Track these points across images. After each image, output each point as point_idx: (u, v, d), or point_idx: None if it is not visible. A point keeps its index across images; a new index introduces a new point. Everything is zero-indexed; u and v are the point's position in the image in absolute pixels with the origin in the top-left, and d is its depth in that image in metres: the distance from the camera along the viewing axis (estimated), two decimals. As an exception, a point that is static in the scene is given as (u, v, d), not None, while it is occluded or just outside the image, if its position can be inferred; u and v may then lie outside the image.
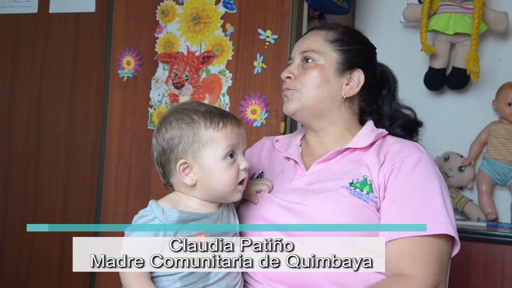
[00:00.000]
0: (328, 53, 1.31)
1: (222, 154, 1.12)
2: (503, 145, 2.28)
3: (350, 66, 1.31)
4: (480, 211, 2.28)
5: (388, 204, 1.18)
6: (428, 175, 1.20)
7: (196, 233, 1.10)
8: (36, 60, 2.37)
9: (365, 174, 1.21)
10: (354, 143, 1.28)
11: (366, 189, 1.20)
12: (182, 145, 1.12)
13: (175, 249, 1.08)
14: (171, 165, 1.14)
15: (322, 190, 1.21)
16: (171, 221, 1.08)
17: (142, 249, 1.07)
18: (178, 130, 1.13)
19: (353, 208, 1.17)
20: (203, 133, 1.12)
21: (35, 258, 2.33)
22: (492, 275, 1.99)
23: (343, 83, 1.31)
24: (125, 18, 2.21)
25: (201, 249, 1.10)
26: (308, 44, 1.33)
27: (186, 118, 1.13)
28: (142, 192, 2.15)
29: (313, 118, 1.32)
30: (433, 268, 1.13)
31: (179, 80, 2.10)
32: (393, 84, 1.43)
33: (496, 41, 2.41)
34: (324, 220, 1.17)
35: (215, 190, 1.14)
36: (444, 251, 1.16)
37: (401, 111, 1.41)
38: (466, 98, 2.44)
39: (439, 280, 1.13)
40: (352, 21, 2.58)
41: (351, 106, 1.33)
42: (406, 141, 1.30)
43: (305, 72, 1.30)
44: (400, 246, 1.14)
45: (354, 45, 1.33)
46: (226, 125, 1.13)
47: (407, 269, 1.12)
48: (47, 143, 2.34)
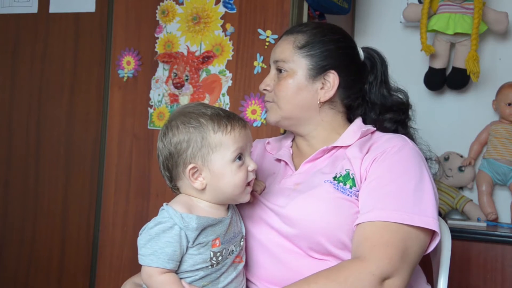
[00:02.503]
0: (297, 60, 1.29)
1: (231, 158, 1.12)
2: (503, 145, 2.28)
3: (322, 69, 1.29)
4: (480, 211, 2.28)
5: (362, 189, 1.18)
6: (405, 163, 1.19)
7: (212, 238, 1.11)
8: (36, 60, 2.37)
9: (347, 167, 1.21)
10: (340, 142, 1.28)
11: (349, 183, 1.20)
12: (191, 150, 1.11)
13: (194, 254, 1.09)
14: (179, 169, 1.13)
15: (307, 189, 1.22)
16: (191, 228, 1.08)
17: (172, 259, 1.08)
18: (186, 134, 1.11)
19: (337, 203, 1.17)
20: (212, 137, 1.11)
21: (35, 258, 2.33)
22: (492, 275, 1.99)
23: (317, 88, 1.29)
24: (125, 18, 2.21)
25: (217, 255, 1.11)
26: (278, 53, 1.32)
27: (194, 122, 1.12)
28: (142, 192, 2.15)
29: (295, 125, 1.33)
30: (391, 253, 1.09)
31: (179, 80, 2.10)
32: (382, 68, 1.39)
33: (496, 41, 2.41)
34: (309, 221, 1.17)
35: (224, 193, 1.14)
36: (409, 240, 1.12)
37: (392, 95, 1.38)
38: (466, 98, 2.44)
39: (397, 267, 1.08)
40: (352, 21, 2.58)
41: (332, 107, 1.32)
42: (394, 134, 1.29)
43: (279, 83, 1.30)
44: (363, 230, 1.13)
45: (323, 46, 1.30)
46: (234, 128, 1.13)
47: (363, 252, 1.10)
48: (47, 143, 2.34)
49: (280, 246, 1.20)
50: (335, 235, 1.16)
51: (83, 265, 2.25)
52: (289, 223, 1.19)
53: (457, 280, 1.99)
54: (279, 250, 1.20)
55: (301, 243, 1.18)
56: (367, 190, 1.17)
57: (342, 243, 1.16)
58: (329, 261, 1.17)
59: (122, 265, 2.16)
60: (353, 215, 1.17)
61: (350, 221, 1.16)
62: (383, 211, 1.12)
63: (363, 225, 1.13)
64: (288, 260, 1.19)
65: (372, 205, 1.14)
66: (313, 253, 1.18)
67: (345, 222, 1.16)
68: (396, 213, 1.12)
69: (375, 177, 1.18)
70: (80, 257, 2.25)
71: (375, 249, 1.09)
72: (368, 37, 2.56)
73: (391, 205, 1.13)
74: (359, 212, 1.17)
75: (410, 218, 1.12)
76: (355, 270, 1.08)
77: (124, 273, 2.13)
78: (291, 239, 1.19)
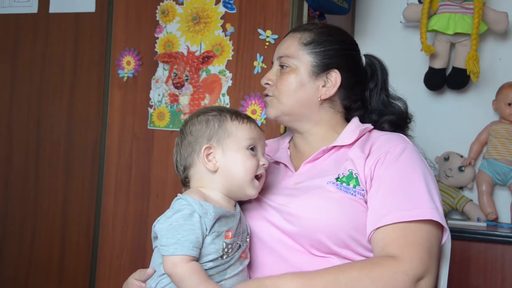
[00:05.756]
0: (302, 56, 1.31)
1: (245, 145, 1.17)
2: (503, 145, 2.28)
3: (326, 67, 1.31)
4: (480, 211, 2.28)
5: (373, 194, 1.19)
6: (412, 164, 1.21)
7: (225, 229, 1.12)
8: (36, 60, 2.37)
9: (350, 168, 1.22)
10: (339, 141, 1.29)
11: (352, 182, 1.20)
12: (208, 133, 1.17)
13: (207, 244, 1.09)
14: (194, 155, 1.17)
15: (309, 189, 1.22)
16: (209, 215, 1.09)
17: (196, 246, 1.07)
18: (205, 122, 1.18)
19: (340, 202, 1.18)
20: (229, 124, 1.18)
21: (35, 258, 2.33)
22: (492, 275, 1.99)
23: (319, 85, 1.30)
24: (125, 18, 2.21)
25: (228, 247, 1.12)
26: (283, 49, 1.33)
27: (214, 112, 1.20)
28: (142, 192, 2.15)
29: (294, 122, 1.33)
30: (421, 253, 1.11)
31: (179, 80, 2.10)
32: (382, 76, 1.41)
33: (496, 41, 2.41)
34: (311, 220, 1.17)
35: (235, 178, 1.16)
36: (432, 237, 1.14)
37: (391, 104, 1.40)
38: (466, 98, 2.44)
39: (428, 266, 1.11)
40: (352, 21, 2.58)
41: (331, 106, 1.33)
42: (392, 133, 1.30)
43: (281, 78, 1.31)
44: (386, 233, 1.14)
45: (329, 45, 1.32)
46: (250, 122, 1.20)
47: (394, 252, 1.11)
48: (47, 143, 2.34)
49: (281, 243, 1.20)
50: (336, 234, 1.16)
51: (83, 265, 2.25)
52: (291, 221, 1.19)
53: (457, 280, 1.99)
54: (280, 247, 1.20)
55: (302, 240, 1.18)
56: (380, 194, 1.18)
57: (344, 241, 1.16)
58: (331, 259, 1.17)
59: (122, 265, 2.16)
60: (358, 214, 1.18)
61: (354, 220, 1.17)
62: (403, 212, 1.14)
63: (384, 228, 1.14)
64: (289, 257, 1.19)
65: (389, 208, 1.15)
66: (315, 250, 1.18)
67: (348, 221, 1.17)
68: (415, 212, 1.14)
69: (385, 180, 1.19)
70: (80, 257, 2.25)
71: (405, 250, 1.11)
72: (368, 37, 2.56)
73: (408, 205, 1.15)
74: (364, 212, 1.18)
75: (431, 214, 1.14)
76: (390, 268, 1.08)
77: (124, 273, 2.13)
78: (293, 237, 1.19)
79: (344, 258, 1.17)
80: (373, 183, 1.20)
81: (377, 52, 1.43)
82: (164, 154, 2.12)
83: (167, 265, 1.07)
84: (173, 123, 2.11)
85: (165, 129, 2.12)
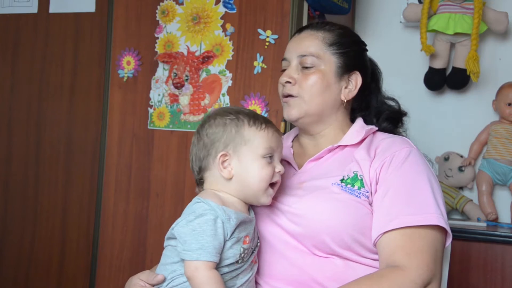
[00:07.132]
0: (327, 57, 1.30)
1: (262, 153, 1.15)
2: (503, 145, 2.28)
3: (348, 69, 1.31)
4: (480, 211, 2.28)
5: (379, 198, 1.19)
6: (417, 169, 1.21)
7: (244, 234, 1.12)
8: (36, 60, 2.37)
9: (355, 170, 1.22)
10: (345, 141, 1.29)
11: (357, 184, 1.20)
12: (225, 138, 1.14)
13: (226, 249, 1.10)
14: (209, 158, 1.16)
15: (314, 189, 1.22)
16: (232, 221, 1.09)
17: (218, 252, 1.08)
18: (222, 126, 1.16)
19: (344, 204, 1.18)
20: (246, 130, 1.15)
21: (35, 259, 2.33)
22: (492, 275, 1.99)
23: (342, 86, 1.31)
24: (125, 18, 2.21)
25: (245, 252, 1.12)
26: (305, 47, 1.31)
27: (231, 116, 1.16)
28: (142, 192, 2.15)
29: (313, 123, 1.32)
30: (427, 259, 1.12)
31: (179, 80, 2.10)
32: (378, 76, 1.43)
33: (496, 41, 2.41)
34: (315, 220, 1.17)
35: (249, 186, 1.15)
36: (437, 242, 1.16)
37: (386, 103, 1.42)
38: (466, 98, 2.44)
39: (434, 272, 1.12)
40: (352, 21, 2.58)
41: (346, 107, 1.35)
42: (396, 136, 1.31)
43: (306, 77, 1.29)
44: (393, 238, 1.15)
45: (350, 47, 1.33)
46: (268, 128, 1.17)
47: (400, 260, 1.12)
48: (47, 143, 2.34)
49: (285, 243, 1.20)
50: (340, 235, 1.16)
51: (83, 265, 2.25)
52: (295, 221, 1.19)
53: (457, 280, 1.99)
54: (284, 247, 1.20)
55: (306, 241, 1.18)
56: (387, 199, 1.18)
57: (347, 243, 1.16)
58: (334, 259, 1.17)
59: (122, 265, 2.16)
60: (362, 216, 1.18)
61: (358, 222, 1.17)
62: (410, 217, 1.14)
63: (391, 233, 1.15)
64: (292, 257, 1.19)
65: (396, 212, 1.16)
66: (318, 251, 1.18)
67: (352, 222, 1.17)
68: (422, 217, 1.14)
69: (391, 184, 1.19)
70: (80, 257, 2.25)
71: (412, 257, 1.12)
72: (368, 37, 2.55)
73: (415, 210, 1.15)
74: (369, 214, 1.18)
75: (437, 219, 1.14)
76: (397, 280, 1.09)
77: (124, 273, 2.14)
78: (296, 237, 1.19)
79: (346, 259, 1.18)
80: (378, 187, 1.20)
81: (377, 52, 1.43)
82: (164, 154, 2.12)
83: (189, 269, 1.07)
84: (173, 123, 2.11)
85: (165, 129, 2.12)
